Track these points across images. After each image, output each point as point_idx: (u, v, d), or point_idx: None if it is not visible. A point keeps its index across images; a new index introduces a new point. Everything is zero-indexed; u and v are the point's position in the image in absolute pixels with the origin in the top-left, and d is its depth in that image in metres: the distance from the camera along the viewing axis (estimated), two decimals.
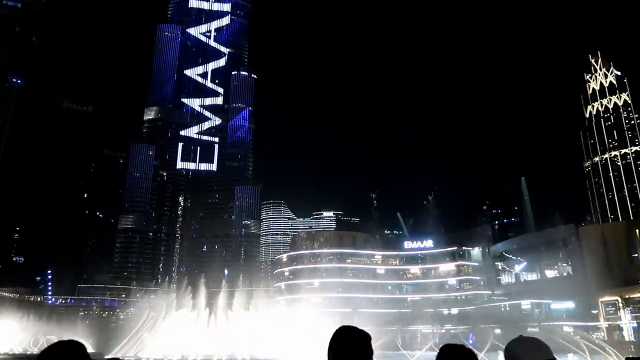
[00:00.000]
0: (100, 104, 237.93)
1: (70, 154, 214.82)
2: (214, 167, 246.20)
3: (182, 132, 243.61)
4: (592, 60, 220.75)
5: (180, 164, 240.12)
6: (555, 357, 2.37)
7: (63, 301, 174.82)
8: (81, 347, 2.94)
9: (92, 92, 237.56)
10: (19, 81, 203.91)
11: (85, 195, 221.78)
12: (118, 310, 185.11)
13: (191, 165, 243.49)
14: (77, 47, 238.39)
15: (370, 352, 2.64)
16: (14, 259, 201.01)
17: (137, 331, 76.84)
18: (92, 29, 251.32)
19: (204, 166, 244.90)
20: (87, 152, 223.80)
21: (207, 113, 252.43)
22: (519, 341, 2.50)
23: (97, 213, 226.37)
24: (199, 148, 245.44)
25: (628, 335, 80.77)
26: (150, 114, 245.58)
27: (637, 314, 79.77)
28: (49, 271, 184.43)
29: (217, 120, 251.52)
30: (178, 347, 61.98)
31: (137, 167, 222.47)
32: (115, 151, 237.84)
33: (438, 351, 2.69)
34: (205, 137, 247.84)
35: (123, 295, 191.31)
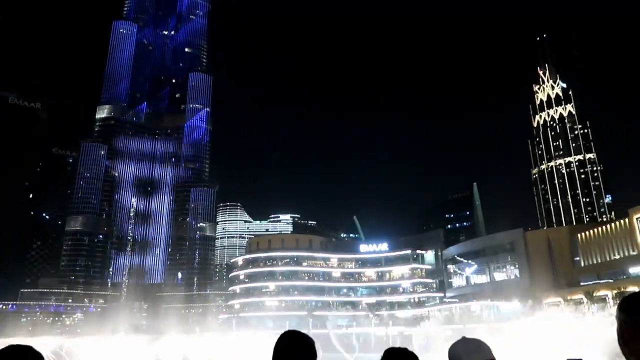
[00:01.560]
0: (50, 101, 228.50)
1: (16, 152, 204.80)
2: (169, 167, 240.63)
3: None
4: (541, 72, 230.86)
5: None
6: (495, 357, 2.48)
7: (4, 307, 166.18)
8: (36, 354, 2.85)
9: (41, 87, 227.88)
10: None
11: (31, 196, 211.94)
12: (64, 316, 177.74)
13: (145, 161, 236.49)
14: (26, 40, 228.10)
15: (313, 356, 2.69)
16: None
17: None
18: (42, 22, 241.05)
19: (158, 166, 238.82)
20: (35, 151, 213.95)
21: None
22: (461, 342, 2.63)
23: (44, 214, 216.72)
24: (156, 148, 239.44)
25: None
26: (102, 113, 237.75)
27: (578, 315, 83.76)
28: None
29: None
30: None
31: (87, 167, 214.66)
32: (65, 150, 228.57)
33: (382, 355, 2.76)
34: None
35: (70, 300, 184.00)
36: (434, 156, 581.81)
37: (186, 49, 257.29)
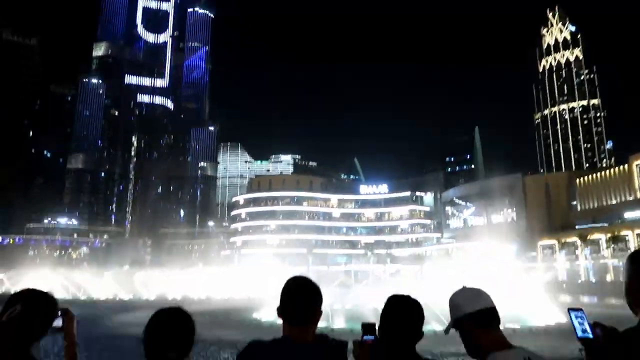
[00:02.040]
0: (46, 37, 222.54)
1: (13, 90, 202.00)
2: (169, 104, 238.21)
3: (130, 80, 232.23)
4: (550, 15, 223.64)
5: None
6: (494, 306, 2.61)
7: (11, 240, 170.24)
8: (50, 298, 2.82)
9: (35, 24, 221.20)
10: None
11: (31, 134, 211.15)
12: (70, 250, 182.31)
13: (145, 98, 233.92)
14: None
15: (319, 301, 2.81)
16: None
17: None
18: None
19: (159, 100, 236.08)
20: (32, 88, 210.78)
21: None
22: (462, 291, 2.69)
23: (45, 152, 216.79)
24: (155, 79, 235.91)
25: (561, 275, 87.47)
26: (99, 50, 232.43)
27: (571, 257, 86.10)
28: None
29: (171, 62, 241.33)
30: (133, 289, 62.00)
31: (86, 105, 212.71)
32: (63, 87, 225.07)
33: (385, 301, 2.83)
34: (158, 82, 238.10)
35: (75, 236, 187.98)
36: (437, 100, 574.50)
37: None
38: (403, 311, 2.77)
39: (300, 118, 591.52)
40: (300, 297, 2.78)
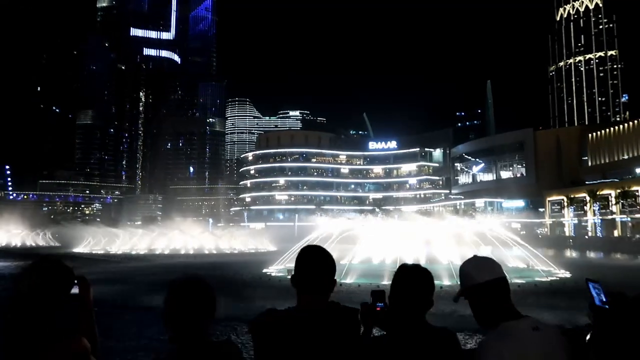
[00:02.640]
0: None
1: (19, 45, 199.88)
2: (176, 57, 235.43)
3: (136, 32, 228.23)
4: None
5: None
6: (505, 276, 2.62)
7: (25, 197, 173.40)
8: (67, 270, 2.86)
9: None
10: None
11: (39, 89, 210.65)
12: (83, 206, 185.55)
13: (151, 51, 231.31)
14: None
15: (332, 270, 2.84)
16: None
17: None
18: None
19: (165, 53, 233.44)
20: (37, 43, 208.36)
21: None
22: (472, 260, 2.70)
23: (53, 107, 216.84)
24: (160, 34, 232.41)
25: (568, 231, 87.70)
26: (103, 1, 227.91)
27: (579, 212, 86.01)
28: (8, 167, 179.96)
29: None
30: (145, 242, 63.47)
31: (92, 59, 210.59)
32: (69, 42, 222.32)
33: (395, 271, 2.89)
34: (165, 35, 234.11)
35: (87, 192, 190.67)
36: (447, 52, 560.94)
37: None
38: (413, 280, 2.82)
39: (309, 73, 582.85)
40: (314, 266, 2.82)
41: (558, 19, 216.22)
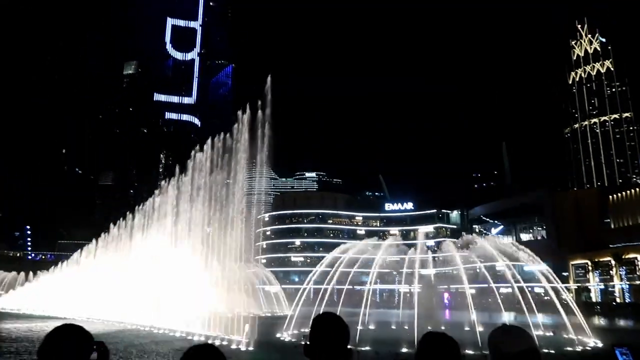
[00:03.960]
0: (79, 54, 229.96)
1: (46, 111, 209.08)
2: (196, 121, 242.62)
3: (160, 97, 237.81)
4: (578, 26, 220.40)
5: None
6: (536, 347, 2.45)
7: (43, 257, 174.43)
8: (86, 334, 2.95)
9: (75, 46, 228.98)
10: None
11: (64, 151, 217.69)
12: None
13: (173, 115, 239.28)
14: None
15: (347, 339, 2.75)
16: None
17: None
18: None
19: (186, 117, 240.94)
20: (64, 108, 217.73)
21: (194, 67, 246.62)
22: (501, 329, 2.58)
23: (76, 169, 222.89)
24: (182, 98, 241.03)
25: (595, 296, 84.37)
26: (129, 69, 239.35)
27: (605, 277, 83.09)
28: (28, 227, 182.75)
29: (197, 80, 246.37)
30: None
31: (117, 123, 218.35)
32: (95, 107, 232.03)
33: (420, 339, 2.77)
34: (186, 100, 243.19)
35: None
36: (462, 113, 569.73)
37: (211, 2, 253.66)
38: (440, 351, 2.63)
39: (325, 135, 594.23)
40: (328, 335, 2.70)
41: (570, 82, 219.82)
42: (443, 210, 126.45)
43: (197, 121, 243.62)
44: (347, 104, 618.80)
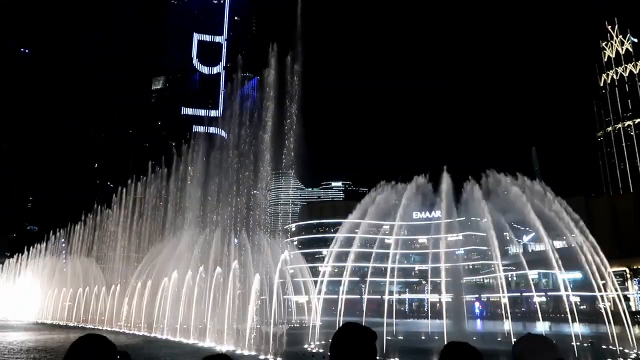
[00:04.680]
0: (106, 70, 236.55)
1: (79, 126, 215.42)
2: (223, 133, 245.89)
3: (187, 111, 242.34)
4: (609, 27, 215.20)
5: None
6: (562, 358, 2.33)
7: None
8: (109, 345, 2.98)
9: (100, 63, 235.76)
10: None
11: (96, 165, 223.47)
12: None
13: (200, 129, 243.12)
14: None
15: (373, 352, 2.57)
16: (28, 228, 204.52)
17: None
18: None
19: (213, 130, 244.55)
20: (95, 124, 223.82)
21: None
22: (526, 339, 2.45)
23: (108, 183, 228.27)
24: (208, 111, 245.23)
25: (635, 305, 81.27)
26: (158, 84, 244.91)
27: None
28: (63, 240, 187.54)
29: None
30: None
31: (146, 137, 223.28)
32: (124, 122, 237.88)
33: (442, 350, 2.62)
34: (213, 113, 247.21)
35: (135, 264, 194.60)
36: (490, 118, 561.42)
37: (236, 17, 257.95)
38: None
39: (350, 145, 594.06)
40: (351, 349, 2.51)
41: (602, 84, 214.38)
42: (472, 218, 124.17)
43: (223, 133, 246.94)
44: (372, 110, 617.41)
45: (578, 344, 28.81)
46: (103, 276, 70.53)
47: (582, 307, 66.17)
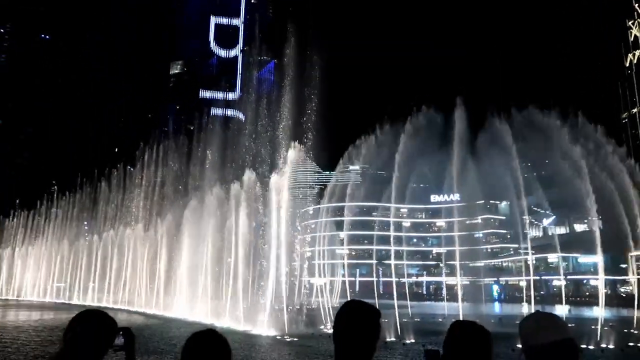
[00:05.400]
0: (138, 53, 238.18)
1: (101, 112, 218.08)
2: (240, 115, 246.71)
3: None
4: (636, 6, 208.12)
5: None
6: (573, 337, 2.19)
7: None
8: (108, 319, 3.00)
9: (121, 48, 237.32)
10: None
11: (116, 150, 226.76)
12: None
13: (218, 111, 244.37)
14: None
15: (374, 330, 2.54)
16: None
17: None
18: None
19: (230, 112, 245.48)
20: (116, 108, 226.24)
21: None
22: (533, 318, 2.33)
23: (129, 167, 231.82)
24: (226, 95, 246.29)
25: None
26: (176, 68, 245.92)
27: None
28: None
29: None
30: None
31: (165, 122, 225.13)
32: (145, 106, 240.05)
33: (448, 328, 2.56)
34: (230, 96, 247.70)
35: None
36: (512, 98, 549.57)
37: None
38: (469, 340, 2.48)
39: (369, 127, 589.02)
40: (353, 324, 2.52)
41: (627, 64, 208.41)
42: (491, 201, 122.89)
43: (241, 115, 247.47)
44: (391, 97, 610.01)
45: (598, 327, 28.44)
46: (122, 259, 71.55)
47: (604, 291, 65.30)
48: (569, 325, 2.23)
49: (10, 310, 54.91)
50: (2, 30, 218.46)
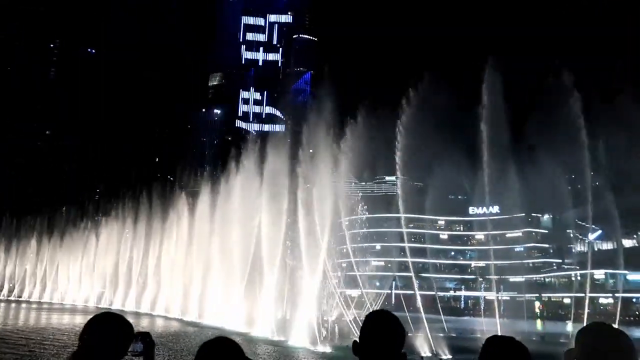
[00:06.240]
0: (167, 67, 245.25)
1: (142, 123, 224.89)
2: (277, 128, 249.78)
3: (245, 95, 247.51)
4: None
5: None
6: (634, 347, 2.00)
7: None
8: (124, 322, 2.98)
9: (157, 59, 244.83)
10: None
11: (157, 160, 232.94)
12: None
13: (255, 127, 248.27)
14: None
15: (399, 342, 2.51)
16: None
17: None
18: None
19: (267, 127, 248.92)
20: (158, 120, 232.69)
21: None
22: (595, 328, 2.16)
23: (168, 177, 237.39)
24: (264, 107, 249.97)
25: None
26: (214, 80, 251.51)
27: None
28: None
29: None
30: None
31: (204, 132, 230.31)
32: (184, 117, 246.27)
33: (484, 343, 2.47)
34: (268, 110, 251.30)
35: None
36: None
37: (289, 12, 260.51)
38: (504, 357, 2.41)
39: (405, 138, 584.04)
40: (379, 335, 2.52)
41: None
42: (532, 214, 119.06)
43: (278, 129, 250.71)
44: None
45: None
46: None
47: None
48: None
49: (54, 314, 56.83)
50: (52, 45, 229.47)
